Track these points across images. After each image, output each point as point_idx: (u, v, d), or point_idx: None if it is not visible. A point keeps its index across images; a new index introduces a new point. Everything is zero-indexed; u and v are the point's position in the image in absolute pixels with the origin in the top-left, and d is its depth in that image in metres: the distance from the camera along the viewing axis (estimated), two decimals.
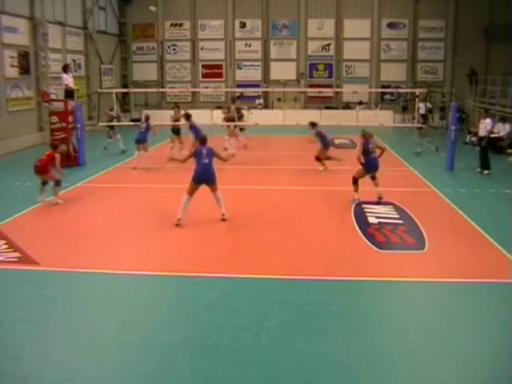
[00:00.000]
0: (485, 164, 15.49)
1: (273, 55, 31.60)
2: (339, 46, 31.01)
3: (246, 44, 31.53)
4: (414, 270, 8.02)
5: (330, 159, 15.33)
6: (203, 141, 10.47)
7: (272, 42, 31.45)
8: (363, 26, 30.56)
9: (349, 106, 30.36)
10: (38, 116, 22.20)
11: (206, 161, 10.06)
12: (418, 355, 5.63)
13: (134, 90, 27.36)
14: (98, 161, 17.02)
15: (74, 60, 25.79)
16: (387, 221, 10.43)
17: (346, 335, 6.06)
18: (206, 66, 31.92)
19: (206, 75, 31.93)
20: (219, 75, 31.82)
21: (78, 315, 6.54)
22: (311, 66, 31.38)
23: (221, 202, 10.29)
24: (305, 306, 6.76)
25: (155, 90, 28.45)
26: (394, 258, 8.54)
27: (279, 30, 31.35)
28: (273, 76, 31.53)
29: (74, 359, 5.55)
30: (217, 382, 5.18)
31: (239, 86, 31.38)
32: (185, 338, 5.99)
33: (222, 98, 31.18)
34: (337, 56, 31.11)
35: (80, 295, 7.16)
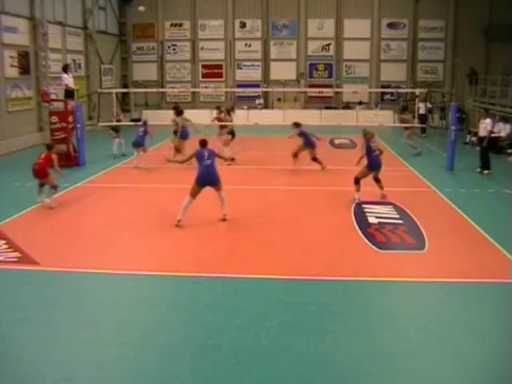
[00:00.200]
0: (485, 164, 15.49)
1: (273, 55, 31.58)
2: (339, 46, 30.99)
3: (246, 44, 31.51)
4: (414, 270, 8.03)
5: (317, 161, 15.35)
6: (203, 143, 10.35)
7: (272, 42, 31.43)
8: (363, 26, 30.53)
9: (349, 106, 30.34)
10: (38, 116, 22.19)
11: (209, 162, 10.00)
12: (418, 355, 5.64)
13: (134, 90, 27.42)
14: (97, 161, 17.00)
15: (74, 60, 25.79)
16: (387, 221, 10.44)
17: (345, 335, 6.07)
18: (205, 66, 31.90)
19: (206, 75, 31.91)
20: (219, 75, 31.81)
21: (78, 315, 6.55)
22: (311, 66, 31.36)
23: (224, 202, 10.26)
24: (305, 306, 6.76)
25: (155, 90, 28.48)
26: (394, 258, 8.55)
27: (279, 30, 31.33)
28: (273, 76, 31.51)
29: (73, 359, 5.56)
30: (217, 382, 5.19)
31: (239, 85, 31.41)
32: (185, 337, 6.00)
33: (222, 98, 31.17)
34: (337, 56, 31.09)
35: (80, 295, 7.16)
